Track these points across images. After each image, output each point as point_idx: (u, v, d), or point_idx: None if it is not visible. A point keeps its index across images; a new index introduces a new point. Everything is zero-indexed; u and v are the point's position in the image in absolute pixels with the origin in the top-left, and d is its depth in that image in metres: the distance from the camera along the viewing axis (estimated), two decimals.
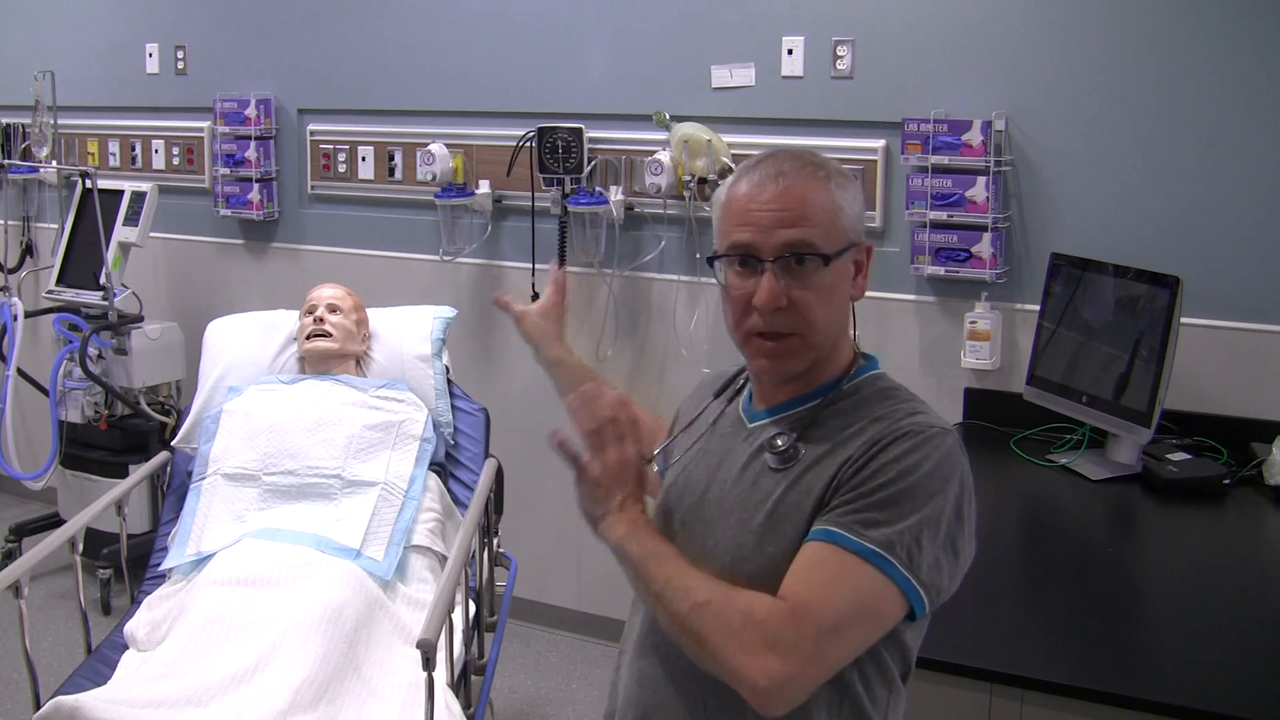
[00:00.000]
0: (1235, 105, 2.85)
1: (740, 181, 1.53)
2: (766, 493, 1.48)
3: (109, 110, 4.55)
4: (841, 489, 1.43)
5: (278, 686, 2.41)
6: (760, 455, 1.52)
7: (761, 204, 1.48)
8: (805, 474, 1.47)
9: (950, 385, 3.19)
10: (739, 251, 1.49)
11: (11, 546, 4.28)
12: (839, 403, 1.54)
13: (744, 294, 1.49)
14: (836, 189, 1.51)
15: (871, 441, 1.46)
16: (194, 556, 2.91)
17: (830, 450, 1.48)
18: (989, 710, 1.85)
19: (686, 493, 1.57)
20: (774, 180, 1.49)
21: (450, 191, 3.78)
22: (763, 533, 1.46)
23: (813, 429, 1.51)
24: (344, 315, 3.32)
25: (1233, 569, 2.36)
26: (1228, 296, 2.87)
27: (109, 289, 4.02)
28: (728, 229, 1.51)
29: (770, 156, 1.54)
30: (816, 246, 1.47)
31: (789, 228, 1.47)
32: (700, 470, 1.58)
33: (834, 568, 1.38)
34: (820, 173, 1.51)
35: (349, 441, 3.04)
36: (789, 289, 1.47)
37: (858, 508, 1.41)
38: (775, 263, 1.47)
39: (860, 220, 1.53)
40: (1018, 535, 2.63)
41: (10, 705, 3.36)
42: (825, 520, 1.42)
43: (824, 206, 1.49)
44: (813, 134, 3.30)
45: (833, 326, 1.53)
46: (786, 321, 1.48)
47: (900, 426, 1.47)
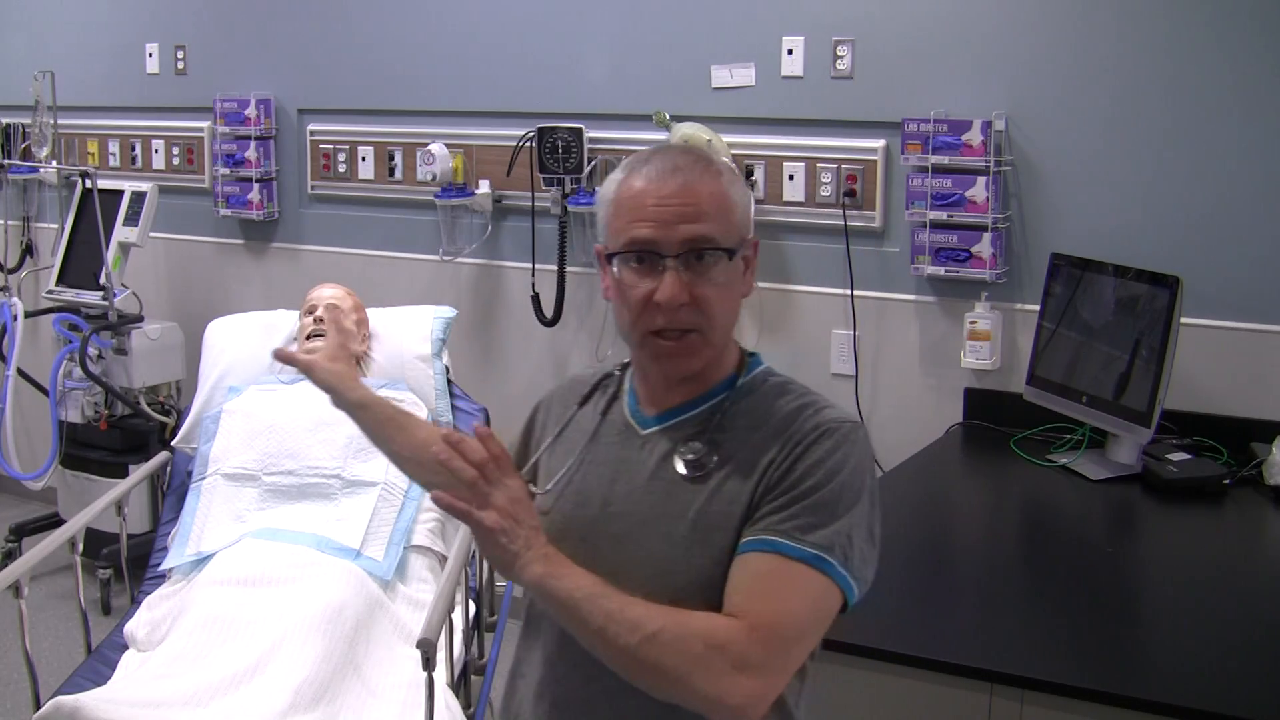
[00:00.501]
0: (1236, 105, 2.85)
1: (633, 176, 1.48)
2: (685, 503, 1.46)
3: (109, 110, 4.55)
4: (771, 493, 1.43)
5: (278, 686, 2.41)
6: (667, 464, 1.49)
7: (661, 199, 1.45)
8: (725, 481, 1.46)
9: (950, 385, 3.19)
10: (639, 248, 1.45)
11: (11, 546, 4.28)
12: (739, 402, 1.52)
13: (642, 292, 1.45)
14: (729, 184, 1.49)
15: (794, 441, 1.45)
16: (194, 556, 2.91)
17: (746, 454, 1.46)
18: (989, 710, 1.85)
19: (581, 507, 1.52)
20: (672, 175, 1.46)
21: (450, 191, 3.78)
22: (690, 544, 1.44)
23: (719, 433, 1.49)
24: (344, 315, 3.32)
25: (1233, 569, 2.36)
26: (1228, 296, 2.87)
27: (109, 289, 4.02)
28: (623, 225, 1.46)
29: (659, 152, 1.51)
30: (718, 241, 1.46)
31: (690, 223, 1.44)
32: (592, 483, 1.53)
33: (782, 578, 1.39)
34: (713, 167, 1.49)
35: (349, 441, 3.04)
36: (691, 285, 1.44)
37: (793, 513, 1.41)
38: (678, 258, 1.44)
39: (749, 216, 1.52)
40: (1018, 535, 2.63)
41: (10, 705, 3.36)
42: (760, 529, 1.41)
43: (721, 201, 1.47)
44: (813, 134, 3.30)
45: (730, 323, 1.52)
46: (688, 318, 1.45)
47: (818, 424, 1.47)
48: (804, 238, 3.35)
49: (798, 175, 3.32)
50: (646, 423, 1.54)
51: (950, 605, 2.16)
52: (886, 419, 3.28)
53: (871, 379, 3.30)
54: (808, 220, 3.33)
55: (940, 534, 2.62)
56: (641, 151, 1.53)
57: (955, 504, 2.85)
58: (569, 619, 1.39)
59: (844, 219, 3.26)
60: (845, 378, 3.32)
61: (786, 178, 3.33)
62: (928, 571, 2.37)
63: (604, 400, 1.60)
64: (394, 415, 1.83)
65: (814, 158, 3.30)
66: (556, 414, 1.65)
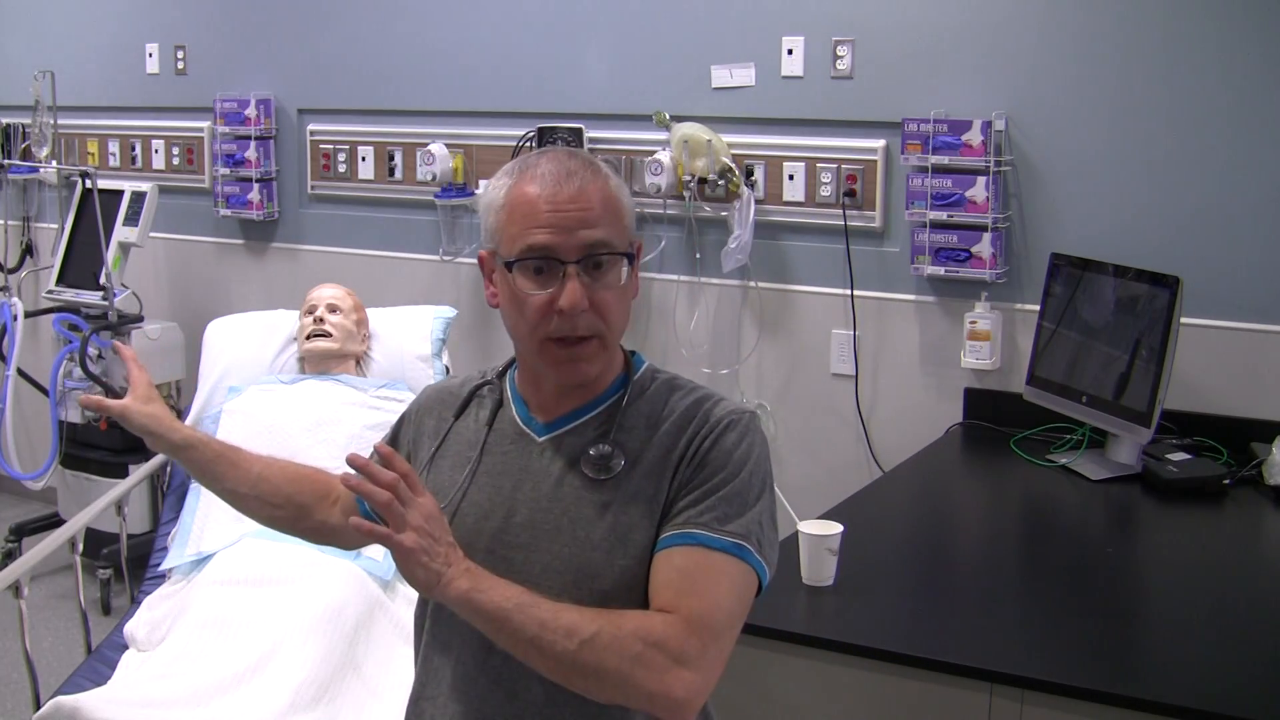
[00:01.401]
0: (1236, 105, 2.85)
1: (525, 182, 1.46)
2: (598, 505, 1.46)
3: (109, 110, 4.55)
4: (686, 487, 1.45)
5: (278, 686, 2.41)
6: (572, 468, 1.48)
7: (558, 205, 1.43)
8: (635, 481, 1.46)
9: (950, 385, 3.19)
10: (538, 255, 1.43)
11: (11, 546, 4.28)
12: (634, 403, 1.52)
13: (541, 299, 1.43)
14: (617, 188, 1.48)
15: (701, 435, 1.46)
16: (194, 556, 2.91)
17: (652, 452, 1.47)
18: (989, 710, 1.85)
19: (483, 520, 1.50)
20: (566, 179, 1.44)
21: (450, 191, 3.78)
22: (610, 547, 1.44)
23: (620, 433, 1.49)
24: (344, 315, 3.32)
25: (1233, 569, 2.36)
26: (1228, 296, 2.87)
27: (109, 289, 4.02)
28: (518, 231, 1.44)
29: (547, 155, 1.49)
30: (615, 245, 1.45)
31: (589, 228, 1.43)
32: (490, 495, 1.51)
33: (707, 570, 1.41)
34: (602, 171, 1.48)
35: (349, 441, 3.04)
36: (590, 290, 1.44)
37: (709, 505, 1.43)
38: (579, 264, 1.43)
39: (633, 217, 1.52)
40: (1018, 535, 2.63)
41: (10, 705, 3.36)
42: (680, 522, 1.43)
43: (613, 204, 1.47)
44: (813, 134, 3.30)
45: (624, 326, 1.51)
46: (588, 324, 1.45)
47: (721, 416, 1.48)
48: (804, 238, 3.35)
49: (798, 175, 3.32)
50: (541, 430, 1.53)
51: (950, 605, 2.16)
52: (886, 419, 3.28)
53: (871, 379, 3.30)
54: (808, 220, 3.33)
55: (940, 534, 2.62)
56: (526, 156, 1.52)
57: (955, 504, 2.85)
58: (499, 632, 1.36)
59: (844, 219, 3.26)
60: (845, 378, 3.32)
61: (786, 178, 3.33)
62: (928, 571, 2.37)
63: (485, 411, 1.58)
64: (224, 451, 1.74)
65: (814, 158, 3.30)
66: (430, 428, 1.61)
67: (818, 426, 3.37)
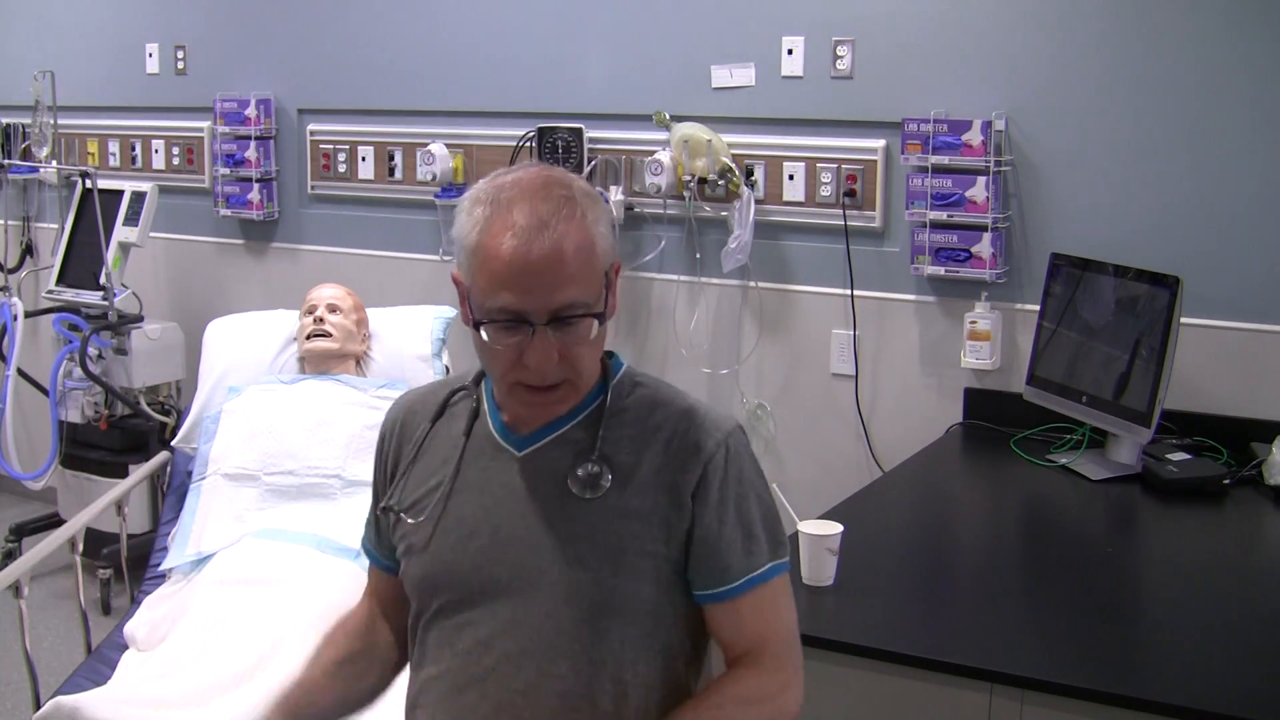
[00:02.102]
0: (1236, 105, 2.84)
1: (497, 231, 1.40)
2: (588, 524, 1.47)
3: (109, 110, 4.55)
4: (717, 531, 1.48)
5: (278, 686, 2.41)
6: (558, 485, 1.48)
7: (529, 265, 1.38)
8: (626, 499, 1.48)
9: (950, 385, 3.19)
10: (508, 317, 1.41)
11: (11, 546, 4.27)
12: (617, 414, 1.52)
13: (512, 350, 1.43)
14: (592, 223, 1.43)
15: (708, 471, 1.48)
16: (194, 556, 2.91)
17: (644, 472, 1.48)
18: (989, 710, 1.85)
19: (469, 538, 1.50)
20: (539, 232, 1.39)
21: (450, 191, 3.78)
22: (600, 564, 1.46)
23: (605, 446, 1.49)
24: (344, 315, 3.32)
25: (1233, 569, 2.36)
26: (1228, 296, 2.87)
27: (109, 289, 4.02)
28: (488, 287, 1.41)
29: (522, 190, 1.42)
30: (590, 306, 1.43)
31: (560, 289, 1.40)
32: (473, 510, 1.51)
33: (769, 603, 1.52)
34: (577, 209, 1.42)
35: (349, 441, 3.05)
36: (559, 344, 1.42)
37: (748, 547, 1.50)
38: (548, 325, 1.41)
39: (612, 241, 1.47)
40: (1018, 535, 2.63)
41: (10, 705, 3.36)
42: (733, 572, 1.48)
43: (587, 254, 1.42)
44: (813, 134, 3.30)
45: (597, 361, 1.51)
46: (558, 374, 1.45)
47: (717, 443, 1.50)
48: (804, 238, 3.35)
49: (798, 175, 3.32)
50: (520, 443, 1.52)
51: (950, 605, 2.16)
52: (886, 419, 3.28)
53: (871, 379, 3.30)
54: (808, 220, 3.33)
55: (940, 534, 2.62)
56: (501, 185, 1.45)
57: (955, 504, 2.85)
58: None
59: (844, 219, 3.26)
60: (845, 378, 3.32)
61: (786, 178, 3.33)
62: (928, 571, 2.37)
63: (463, 420, 1.57)
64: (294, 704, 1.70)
65: (814, 158, 3.30)
66: (409, 433, 1.61)
67: (818, 426, 3.37)
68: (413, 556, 1.55)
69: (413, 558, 1.55)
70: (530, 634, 1.47)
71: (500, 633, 1.48)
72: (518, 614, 1.47)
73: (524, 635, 1.47)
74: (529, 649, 1.47)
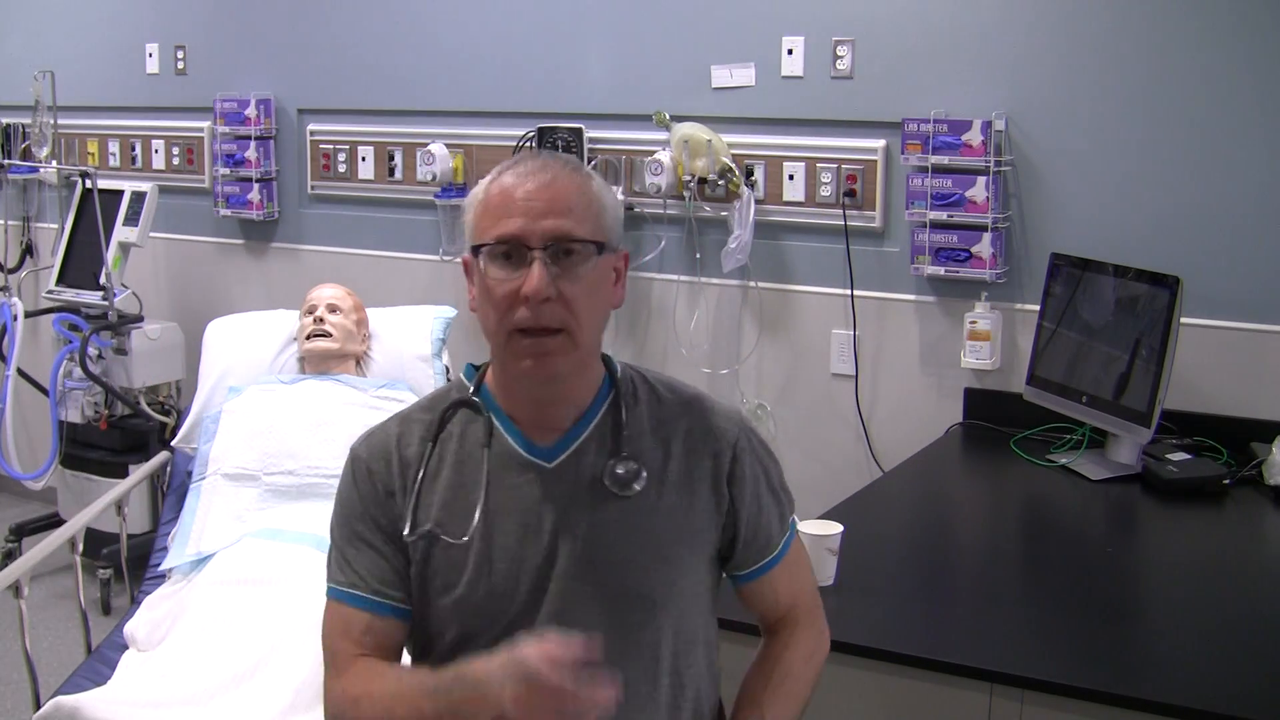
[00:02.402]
0: (1236, 105, 2.84)
1: (502, 176, 1.46)
2: (632, 526, 1.48)
3: (109, 110, 4.55)
4: (745, 521, 1.55)
5: (278, 686, 2.41)
6: (594, 490, 1.48)
7: (528, 193, 1.43)
8: (663, 496, 1.50)
9: (950, 385, 3.19)
10: (505, 241, 1.42)
11: (11, 546, 4.28)
12: (632, 410, 1.53)
13: (508, 288, 1.42)
14: (599, 188, 1.48)
15: (731, 453, 1.54)
16: (194, 556, 2.91)
17: (675, 466, 1.52)
18: (989, 710, 1.85)
19: (518, 563, 1.46)
20: (540, 170, 1.45)
21: (450, 191, 3.78)
22: (655, 565, 1.48)
23: (632, 446, 1.50)
24: (344, 315, 3.32)
25: (1233, 569, 2.35)
26: (1228, 296, 2.87)
27: (109, 289, 4.02)
28: (490, 223, 1.43)
29: (529, 155, 1.51)
30: (585, 236, 1.43)
31: (558, 216, 1.42)
32: (515, 536, 1.46)
33: (795, 565, 1.64)
34: (583, 171, 1.49)
35: (349, 441, 3.01)
36: (557, 280, 1.41)
37: (779, 513, 1.60)
38: (545, 251, 1.41)
39: (620, 227, 1.50)
40: (1018, 535, 2.63)
41: (10, 705, 3.36)
42: (772, 544, 1.58)
43: (590, 201, 1.45)
44: (813, 134, 3.30)
45: (598, 327, 1.49)
46: (554, 315, 1.42)
47: (738, 425, 1.57)
48: (804, 238, 3.35)
49: (798, 175, 3.32)
50: (547, 454, 1.50)
51: (950, 605, 2.16)
52: (886, 419, 3.28)
53: (871, 379, 3.30)
54: (808, 220, 3.33)
55: (940, 534, 2.62)
56: (512, 157, 1.52)
57: (955, 504, 2.85)
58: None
59: (844, 219, 3.26)
60: (845, 378, 3.32)
61: (786, 178, 3.33)
62: (928, 571, 2.37)
63: (474, 438, 1.51)
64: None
65: (814, 158, 3.30)
66: (403, 462, 1.52)
67: (818, 426, 3.37)
68: (456, 589, 1.47)
69: (457, 590, 1.47)
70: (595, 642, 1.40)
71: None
72: (578, 627, 1.41)
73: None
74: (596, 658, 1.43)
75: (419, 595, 1.49)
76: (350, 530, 1.52)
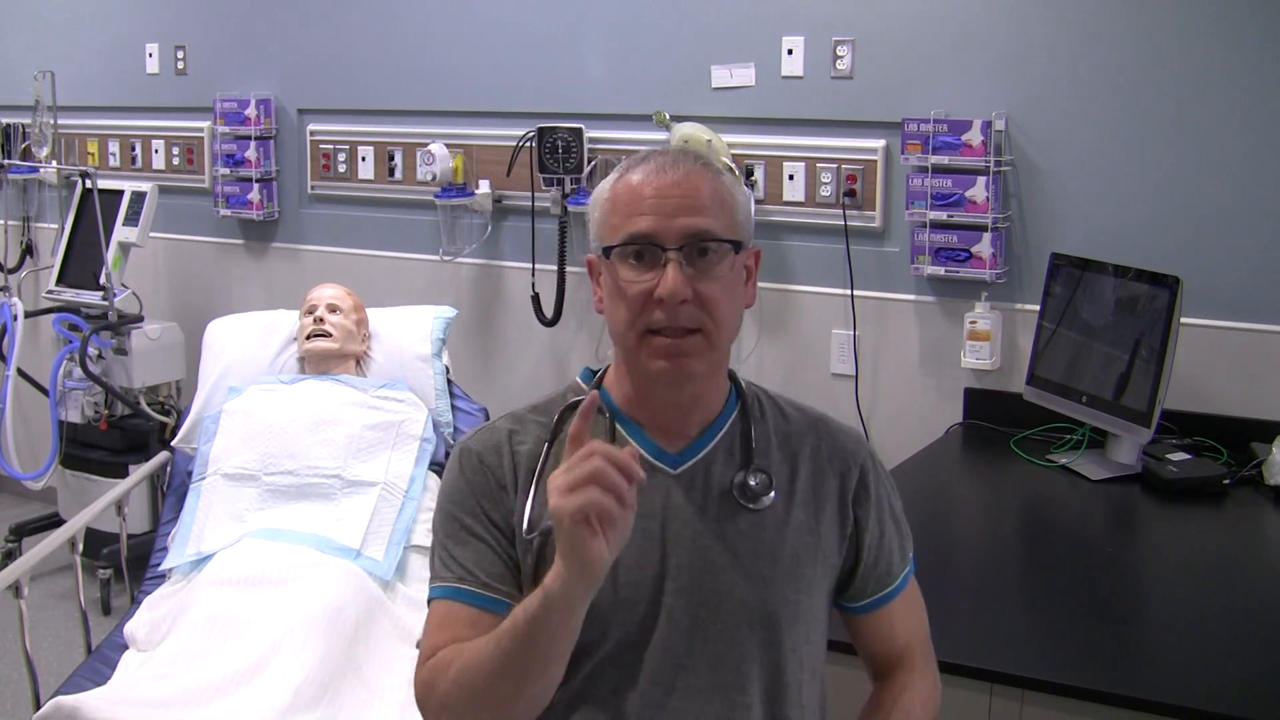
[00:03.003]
0: (1236, 105, 2.84)
1: (631, 173, 1.41)
2: (761, 540, 1.42)
3: (109, 110, 4.55)
4: (875, 530, 1.51)
5: (278, 686, 2.41)
6: (722, 500, 1.42)
7: (661, 190, 1.37)
8: (792, 511, 1.44)
9: (950, 385, 3.19)
10: (638, 241, 1.36)
11: (11, 546, 4.28)
12: (759, 423, 1.48)
13: (642, 289, 1.36)
14: (731, 184, 1.43)
15: (858, 474, 1.50)
16: (194, 556, 2.91)
17: (801, 481, 1.47)
18: (989, 710, 1.85)
19: (638, 570, 1.38)
20: (672, 167, 1.39)
21: (450, 191, 3.78)
22: (782, 582, 1.41)
23: (760, 457, 1.45)
24: (344, 315, 3.32)
25: (1233, 569, 2.36)
26: (1228, 296, 2.87)
27: (109, 289, 4.02)
28: (621, 220, 1.38)
29: (656, 152, 1.44)
30: (721, 234, 1.38)
31: (692, 215, 1.37)
32: (636, 541, 1.33)
33: (913, 603, 1.60)
34: (713, 166, 1.43)
35: (349, 441, 3.05)
36: (693, 280, 1.36)
37: (901, 543, 1.55)
38: (680, 251, 1.36)
39: (751, 223, 1.45)
40: (1018, 535, 2.63)
41: (10, 705, 3.37)
42: (894, 572, 1.53)
43: (723, 197, 1.40)
44: (813, 134, 3.30)
45: (734, 327, 1.43)
46: (691, 316, 1.36)
47: (858, 444, 1.53)
48: (804, 238, 3.35)
49: (798, 175, 3.32)
50: (674, 461, 1.43)
51: (950, 605, 2.16)
52: (886, 419, 3.28)
53: (871, 379, 3.30)
54: (808, 220, 3.33)
55: (940, 534, 2.62)
56: (638, 153, 1.46)
57: (955, 504, 2.85)
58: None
59: (844, 219, 3.26)
60: (845, 378, 3.32)
61: (786, 178, 3.33)
62: (927, 571, 2.34)
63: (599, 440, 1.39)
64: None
65: (814, 158, 3.30)
66: (516, 458, 1.43)
67: None
68: None
69: None
70: (715, 664, 1.38)
71: (681, 666, 1.38)
72: (697, 644, 1.38)
73: (707, 667, 1.38)
74: (716, 681, 1.38)
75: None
76: (457, 524, 1.42)
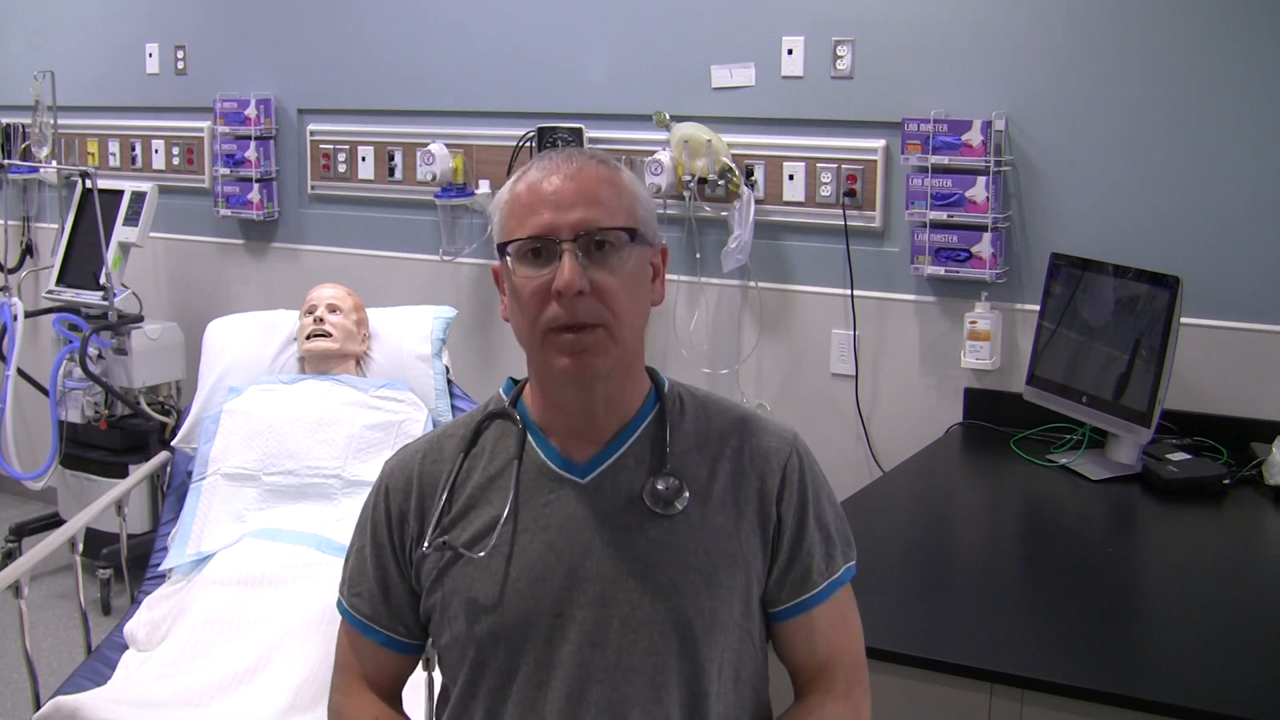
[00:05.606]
0: (1236, 105, 2.84)
1: (528, 173, 1.39)
2: (677, 546, 1.38)
3: (109, 110, 4.55)
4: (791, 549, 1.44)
5: (278, 686, 2.41)
6: (632, 507, 1.38)
7: (556, 185, 1.35)
8: (707, 515, 1.40)
9: (950, 385, 3.19)
10: (533, 241, 1.34)
11: (11, 546, 4.28)
12: (677, 426, 1.43)
13: (539, 284, 1.33)
14: (629, 180, 1.40)
15: (780, 475, 1.45)
16: (194, 556, 2.91)
17: (718, 484, 1.42)
18: (989, 710, 1.85)
19: (541, 583, 1.37)
20: (566, 162, 1.38)
21: (450, 191, 3.78)
22: (697, 589, 1.37)
23: (673, 460, 1.41)
24: (344, 315, 3.32)
25: (1233, 569, 2.35)
26: (1228, 296, 2.87)
27: (109, 289, 4.02)
28: (518, 222, 1.36)
29: (556, 151, 1.42)
30: (616, 225, 1.35)
31: (588, 207, 1.34)
32: (539, 554, 1.37)
33: (840, 617, 1.48)
34: (611, 163, 1.41)
35: (349, 441, 3.04)
36: (589, 272, 1.33)
37: (826, 550, 1.46)
38: (575, 242, 1.33)
39: (654, 220, 1.43)
40: (1018, 535, 2.63)
41: (10, 705, 3.36)
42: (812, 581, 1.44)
43: (620, 191, 1.38)
44: (813, 134, 3.30)
45: (637, 323, 1.39)
46: (589, 310, 1.33)
47: (789, 450, 1.48)
48: (804, 238, 3.35)
49: (798, 175, 3.32)
50: (582, 470, 1.41)
51: (950, 605, 2.16)
52: (886, 419, 3.28)
53: (871, 379, 3.30)
54: (808, 220, 3.33)
55: (940, 534, 2.62)
56: (535, 156, 1.46)
57: (955, 504, 2.85)
58: None
59: (844, 219, 3.26)
60: (845, 378, 3.32)
61: (786, 178, 3.33)
62: (928, 571, 2.37)
63: (506, 452, 1.44)
64: None
65: (814, 158, 3.30)
66: (429, 480, 1.45)
67: (818, 426, 3.36)
68: (474, 615, 1.39)
69: (474, 617, 1.39)
70: (630, 676, 1.35)
71: (593, 680, 1.35)
72: (610, 657, 1.35)
73: (623, 679, 1.35)
74: (630, 694, 1.35)
75: (436, 619, 1.43)
76: (364, 546, 1.52)
